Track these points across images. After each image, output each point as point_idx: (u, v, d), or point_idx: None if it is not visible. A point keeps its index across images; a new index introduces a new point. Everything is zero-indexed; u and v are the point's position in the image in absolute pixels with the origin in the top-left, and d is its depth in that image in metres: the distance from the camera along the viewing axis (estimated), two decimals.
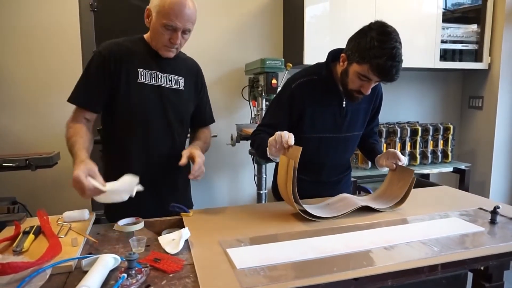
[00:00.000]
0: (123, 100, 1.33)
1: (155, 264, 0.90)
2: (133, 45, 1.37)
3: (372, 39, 1.22)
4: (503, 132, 3.25)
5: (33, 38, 2.50)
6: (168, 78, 1.39)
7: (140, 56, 1.35)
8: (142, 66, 1.34)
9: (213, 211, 1.36)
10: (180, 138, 1.47)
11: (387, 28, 1.24)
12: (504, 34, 3.09)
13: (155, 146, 1.39)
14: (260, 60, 2.42)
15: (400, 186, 1.38)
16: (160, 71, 1.37)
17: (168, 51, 1.34)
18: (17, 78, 2.51)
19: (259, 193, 2.62)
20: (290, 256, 0.94)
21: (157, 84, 1.37)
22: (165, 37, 1.30)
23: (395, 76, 1.24)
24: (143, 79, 1.34)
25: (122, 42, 1.37)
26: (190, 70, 1.48)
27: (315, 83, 1.41)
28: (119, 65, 1.31)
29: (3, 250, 0.98)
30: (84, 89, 1.32)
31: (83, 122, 1.32)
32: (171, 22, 1.26)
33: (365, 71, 1.25)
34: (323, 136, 1.46)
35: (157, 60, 1.37)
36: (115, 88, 1.32)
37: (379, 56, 1.20)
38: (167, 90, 1.39)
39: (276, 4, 2.96)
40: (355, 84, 1.31)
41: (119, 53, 1.32)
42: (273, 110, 1.51)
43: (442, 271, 0.94)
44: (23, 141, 2.54)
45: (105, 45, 1.35)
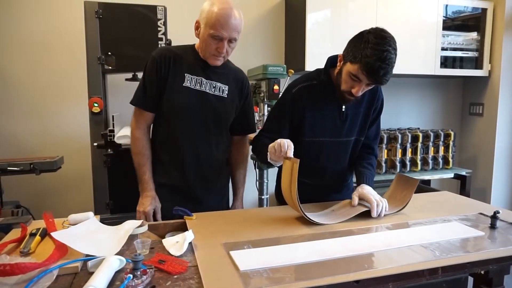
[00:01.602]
0: (168, 102, 1.44)
1: (160, 266, 0.92)
2: (183, 52, 1.47)
3: (367, 41, 1.25)
4: (503, 139, 3.26)
5: (39, 44, 2.53)
6: (213, 85, 1.48)
7: (188, 62, 1.46)
8: (189, 72, 1.45)
9: (216, 215, 1.37)
10: (219, 145, 1.54)
11: (384, 33, 1.27)
12: (504, 41, 3.12)
13: (193, 149, 1.48)
14: (262, 66, 2.44)
15: (404, 195, 1.40)
16: (205, 77, 1.46)
17: (215, 60, 1.43)
18: (23, 83, 2.55)
19: (260, 198, 2.63)
20: (292, 258, 0.96)
21: (201, 90, 1.46)
22: (212, 47, 1.39)
23: (382, 77, 1.26)
24: (189, 83, 1.44)
25: (174, 49, 1.49)
26: (236, 80, 1.56)
27: (315, 88, 1.45)
28: (167, 68, 1.42)
29: (11, 251, 0.99)
30: (142, 92, 1.46)
31: (145, 130, 1.49)
32: (217, 33, 1.35)
33: (356, 70, 1.28)
34: (324, 140, 1.48)
35: (204, 68, 1.47)
36: (162, 90, 1.43)
37: (369, 56, 1.23)
38: (210, 96, 1.47)
39: (278, 11, 3.00)
40: (347, 85, 1.34)
41: (169, 57, 1.43)
42: (275, 115, 1.53)
43: (442, 275, 0.95)
44: (28, 145, 2.57)
45: (157, 50, 1.48)
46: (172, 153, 1.48)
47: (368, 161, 1.56)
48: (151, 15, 2.14)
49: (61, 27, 2.55)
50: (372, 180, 1.50)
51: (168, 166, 1.49)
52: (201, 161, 1.50)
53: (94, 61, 2.11)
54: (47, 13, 2.52)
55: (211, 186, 1.56)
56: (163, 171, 1.50)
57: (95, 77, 2.12)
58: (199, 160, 1.49)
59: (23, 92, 2.55)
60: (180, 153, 1.48)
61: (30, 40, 2.52)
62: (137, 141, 1.48)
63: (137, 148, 1.47)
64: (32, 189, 2.55)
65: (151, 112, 1.48)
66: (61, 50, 2.57)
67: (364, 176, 1.48)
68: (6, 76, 2.51)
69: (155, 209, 1.44)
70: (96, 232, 1.10)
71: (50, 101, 2.59)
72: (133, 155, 1.48)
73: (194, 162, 1.49)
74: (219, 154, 1.55)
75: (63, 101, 2.60)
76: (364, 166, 1.53)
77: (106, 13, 2.08)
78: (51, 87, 2.58)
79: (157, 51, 1.47)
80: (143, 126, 1.49)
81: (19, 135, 2.57)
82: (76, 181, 2.62)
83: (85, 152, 2.31)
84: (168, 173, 1.49)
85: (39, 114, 2.58)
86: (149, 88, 1.45)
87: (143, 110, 1.47)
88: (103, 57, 2.10)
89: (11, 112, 2.55)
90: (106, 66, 2.12)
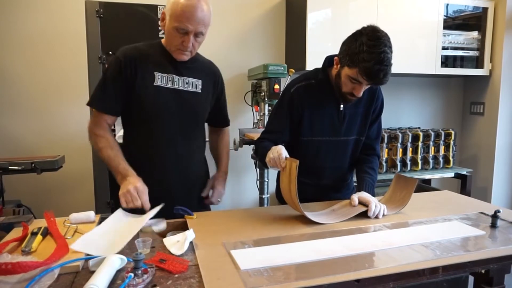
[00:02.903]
0: (139, 103, 1.35)
1: (161, 265, 0.92)
2: (150, 49, 1.39)
3: (361, 44, 1.25)
4: (504, 138, 3.26)
5: (41, 43, 2.54)
6: (185, 81, 1.41)
7: (156, 59, 1.37)
8: (159, 70, 1.37)
9: (217, 214, 1.38)
10: (196, 141, 1.49)
11: (377, 33, 1.26)
12: (505, 40, 3.11)
13: (172, 148, 1.40)
14: (262, 66, 2.45)
15: (403, 195, 1.40)
16: (177, 74, 1.39)
17: (181, 54, 1.36)
18: (24, 82, 2.55)
19: (261, 197, 2.63)
20: (293, 257, 0.96)
21: (174, 87, 1.39)
22: (178, 40, 1.31)
23: (383, 79, 1.26)
24: (160, 82, 1.36)
25: (140, 46, 1.40)
26: (208, 73, 1.50)
27: (313, 87, 1.45)
28: (134, 69, 1.34)
29: (12, 250, 1.00)
30: (103, 94, 1.36)
31: (107, 129, 1.37)
32: (182, 25, 1.27)
33: (355, 74, 1.28)
34: (322, 140, 1.48)
35: (173, 64, 1.39)
36: (132, 92, 1.35)
37: (367, 60, 1.23)
38: (184, 93, 1.41)
39: (278, 10, 2.99)
40: (348, 87, 1.35)
41: (135, 57, 1.35)
42: (275, 116, 1.53)
43: (443, 274, 0.95)
44: (29, 145, 2.57)
45: (122, 49, 1.38)
46: (150, 158, 1.39)
47: (369, 165, 1.54)
48: (152, 15, 2.14)
49: (62, 26, 2.55)
50: (373, 187, 1.49)
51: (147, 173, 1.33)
52: (183, 162, 1.43)
53: (95, 61, 2.11)
54: (48, 12, 2.52)
55: (193, 187, 1.50)
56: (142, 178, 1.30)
57: (96, 77, 2.12)
58: (180, 162, 1.42)
59: (24, 91, 2.55)
60: (158, 157, 1.39)
61: (31, 40, 2.52)
62: (100, 137, 1.34)
63: (102, 143, 1.33)
64: (33, 188, 2.55)
65: (113, 116, 1.39)
66: (62, 50, 2.57)
67: (365, 183, 1.47)
68: (7, 75, 2.52)
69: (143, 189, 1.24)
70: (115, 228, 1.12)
71: (51, 101, 2.59)
72: (100, 152, 1.33)
73: (175, 165, 1.41)
74: (200, 152, 1.52)
75: (64, 100, 2.60)
76: (365, 172, 1.51)
77: (107, 12, 2.09)
78: (52, 86, 2.58)
79: (121, 51, 1.37)
80: (105, 126, 1.37)
81: (20, 135, 2.57)
82: (77, 180, 2.63)
83: (86, 151, 2.31)
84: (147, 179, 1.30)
85: (40, 113, 2.59)
86: (111, 90, 1.34)
87: (104, 113, 1.36)
88: (104, 57, 2.11)
89: (12, 111, 2.55)
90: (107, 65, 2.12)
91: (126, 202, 1.21)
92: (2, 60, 2.50)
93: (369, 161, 1.55)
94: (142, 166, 1.35)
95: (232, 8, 2.88)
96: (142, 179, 1.30)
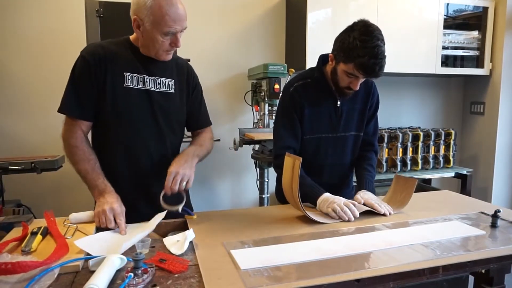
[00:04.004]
0: (109, 106, 1.28)
1: (161, 265, 0.92)
2: (118, 48, 1.31)
3: (354, 39, 1.28)
4: (504, 138, 3.26)
5: (40, 42, 2.53)
6: (157, 81, 1.34)
7: (125, 59, 1.30)
8: (129, 70, 1.29)
9: (217, 214, 1.37)
10: (172, 143, 1.42)
11: (369, 27, 1.29)
12: (505, 40, 3.11)
13: (146, 152, 1.35)
14: (262, 65, 2.44)
15: (403, 196, 1.40)
16: (148, 74, 1.32)
17: (168, 55, 1.32)
18: (23, 81, 2.55)
19: (261, 197, 2.63)
20: (293, 257, 0.96)
21: (145, 88, 1.32)
22: (166, 44, 1.26)
23: (378, 72, 1.29)
24: (130, 83, 1.29)
25: (107, 45, 1.31)
26: (181, 71, 1.43)
27: (310, 86, 1.48)
28: (103, 69, 1.26)
29: (12, 250, 0.99)
30: (75, 98, 1.27)
31: (82, 138, 1.28)
32: (171, 28, 1.23)
33: (351, 69, 1.32)
34: (321, 137, 1.50)
35: (144, 63, 1.32)
36: (100, 93, 1.27)
37: (362, 56, 1.26)
38: (156, 94, 1.34)
39: (278, 10, 2.99)
40: (345, 82, 1.38)
41: (103, 56, 1.27)
42: (284, 120, 1.50)
43: (443, 274, 0.95)
44: (29, 144, 2.57)
45: (88, 48, 1.30)
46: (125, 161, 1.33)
47: (368, 161, 1.58)
48: None
49: (62, 26, 2.55)
50: (372, 182, 1.52)
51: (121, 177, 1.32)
52: (157, 165, 1.36)
53: None
54: (48, 12, 2.52)
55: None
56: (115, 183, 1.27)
57: None
58: (154, 165, 1.36)
59: (24, 91, 2.55)
60: (132, 161, 1.33)
61: (31, 40, 2.52)
62: (76, 149, 1.26)
63: (78, 156, 1.25)
64: (33, 188, 2.55)
65: (87, 121, 1.30)
66: (62, 49, 2.56)
67: (365, 180, 1.50)
68: (7, 75, 2.52)
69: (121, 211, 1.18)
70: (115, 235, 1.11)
71: (51, 100, 2.58)
72: (75, 165, 1.26)
73: (150, 168, 1.35)
74: (175, 153, 1.39)
75: None
76: (364, 169, 1.54)
77: (106, 12, 2.09)
78: (52, 86, 2.58)
79: (87, 49, 1.29)
80: (79, 134, 1.28)
81: (20, 134, 2.57)
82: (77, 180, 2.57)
83: None
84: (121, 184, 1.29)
85: (40, 113, 2.58)
86: (83, 93, 1.26)
87: (78, 119, 1.27)
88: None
89: (12, 111, 2.55)
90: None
91: (100, 222, 1.15)
92: (2, 60, 2.50)
93: (368, 158, 1.59)
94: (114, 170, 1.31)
95: (232, 8, 2.88)
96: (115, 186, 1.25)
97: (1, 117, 2.54)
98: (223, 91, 2.92)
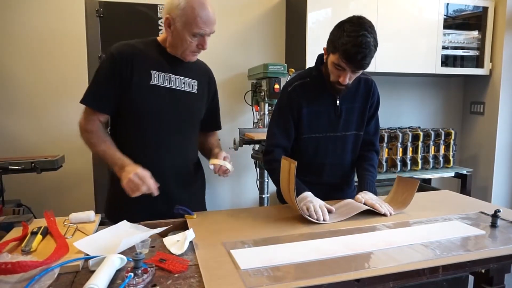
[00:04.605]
0: (134, 102, 1.32)
1: (161, 264, 0.92)
2: (146, 47, 1.37)
3: (343, 30, 1.29)
4: (504, 138, 3.26)
5: (40, 42, 2.54)
6: (182, 80, 1.39)
7: (152, 58, 1.35)
8: (155, 68, 1.34)
9: (217, 214, 1.37)
10: (192, 141, 1.48)
11: (360, 20, 1.30)
12: (505, 40, 3.11)
13: (167, 149, 1.38)
14: (262, 65, 2.45)
15: (405, 197, 1.40)
16: (173, 73, 1.37)
17: (194, 56, 1.37)
18: (23, 81, 2.55)
19: (261, 197, 2.64)
20: (293, 257, 0.96)
21: (170, 87, 1.37)
22: (193, 45, 1.31)
23: (361, 62, 1.28)
24: (156, 81, 1.34)
25: (135, 44, 1.37)
26: (203, 74, 1.49)
27: (309, 85, 1.48)
28: (130, 66, 1.31)
29: (12, 250, 0.99)
30: (97, 91, 1.33)
31: (99, 126, 1.34)
32: (201, 30, 1.28)
33: (337, 59, 1.32)
34: (321, 136, 1.50)
35: (170, 63, 1.37)
36: (126, 90, 1.31)
37: (345, 43, 1.27)
38: (180, 93, 1.39)
39: (278, 10, 2.99)
40: (334, 75, 1.38)
41: (131, 54, 1.32)
42: (279, 119, 1.52)
43: (443, 274, 0.95)
44: (29, 144, 2.57)
45: (116, 46, 1.35)
46: (146, 158, 1.34)
47: (369, 162, 1.56)
48: (152, 14, 2.14)
49: (62, 26, 2.55)
50: (374, 183, 1.51)
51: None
52: (178, 162, 1.41)
53: (95, 60, 2.11)
54: (48, 12, 2.52)
55: (189, 187, 1.48)
56: None
57: None
58: (175, 162, 1.40)
59: (24, 91, 2.55)
60: (155, 157, 1.36)
61: (31, 39, 2.52)
62: (92, 134, 1.32)
63: (94, 139, 1.31)
64: (33, 187, 2.56)
65: (105, 114, 1.35)
66: (62, 49, 2.57)
67: (366, 181, 1.49)
68: (7, 75, 2.52)
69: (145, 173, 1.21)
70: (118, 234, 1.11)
71: (51, 100, 2.59)
72: (93, 148, 1.32)
73: (171, 164, 1.39)
74: (194, 152, 1.51)
75: (64, 100, 2.60)
76: (366, 169, 1.53)
77: (106, 12, 2.09)
78: (52, 86, 2.59)
79: (116, 47, 1.33)
80: (96, 122, 1.33)
81: (20, 134, 2.57)
82: (77, 179, 2.63)
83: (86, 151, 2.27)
84: None
85: (40, 113, 2.59)
86: (105, 88, 1.31)
87: (96, 111, 1.33)
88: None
89: (12, 111, 2.55)
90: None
91: (132, 191, 1.19)
92: (2, 60, 2.50)
93: (369, 158, 1.58)
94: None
95: (232, 8, 2.88)
96: None
97: (1, 117, 2.54)
98: (223, 91, 2.90)
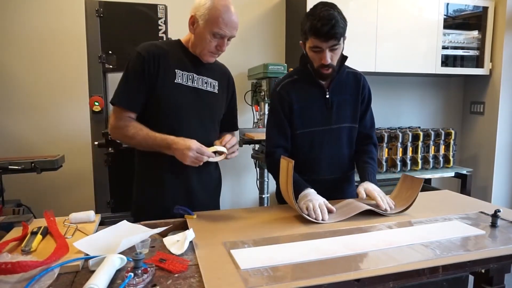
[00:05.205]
0: (159, 99, 1.36)
1: (161, 264, 0.92)
2: (170, 47, 1.41)
3: (307, 17, 1.37)
4: (504, 137, 3.26)
5: (40, 42, 2.54)
6: (204, 80, 1.44)
7: (177, 57, 1.40)
8: (179, 67, 1.39)
9: (217, 214, 1.38)
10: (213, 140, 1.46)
11: (321, 3, 1.37)
12: (505, 40, 3.11)
13: None
14: (262, 65, 2.45)
15: (408, 195, 1.40)
16: (196, 73, 1.42)
17: (212, 57, 1.41)
18: (23, 81, 2.55)
19: (261, 197, 2.64)
20: (293, 257, 0.96)
21: (193, 86, 1.41)
22: (212, 44, 1.35)
23: (330, 32, 1.32)
24: (180, 80, 1.38)
25: (160, 44, 1.43)
26: (223, 75, 1.53)
27: (297, 82, 1.52)
28: (156, 64, 1.35)
29: (12, 249, 0.99)
30: (127, 91, 1.36)
31: (130, 119, 1.37)
32: (221, 31, 1.32)
33: (311, 42, 1.37)
34: (314, 130, 1.51)
35: (194, 63, 1.42)
36: (153, 88, 1.35)
37: (311, 21, 1.34)
38: (203, 92, 1.43)
39: (278, 10, 2.99)
40: (315, 60, 1.41)
41: (157, 53, 1.36)
42: (274, 121, 1.54)
43: (443, 273, 0.95)
44: (29, 144, 2.57)
45: (143, 46, 1.38)
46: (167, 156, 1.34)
47: (368, 154, 1.59)
48: (152, 14, 2.14)
49: (62, 26, 2.55)
50: (374, 174, 1.53)
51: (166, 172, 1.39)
52: None
53: (95, 60, 2.11)
54: (48, 11, 2.52)
55: (209, 186, 1.52)
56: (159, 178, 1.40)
57: (96, 76, 2.12)
58: None
59: (24, 91, 2.55)
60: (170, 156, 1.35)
61: (31, 39, 2.52)
62: (126, 127, 1.34)
63: (131, 131, 1.34)
64: (33, 187, 2.56)
65: (135, 113, 1.38)
66: (62, 49, 2.57)
67: (366, 172, 1.51)
68: (7, 75, 2.52)
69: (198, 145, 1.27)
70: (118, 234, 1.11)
71: (51, 100, 2.59)
72: (132, 139, 1.35)
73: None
74: None
75: (64, 100, 2.60)
76: (365, 162, 1.55)
77: (107, 11, 2.08)
78: (52, 86, 2.58)
79: (142, 47, 1.37)
80: (127, 118, 1.37)
81: (20, 134, 2.57)
82: (77, 179, 2.63)
83: (86, 150, 2.31)
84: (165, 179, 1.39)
85: (40, 112, 2.59)
86: (134, 87, 1.35)
87: (128, 110, 1.36)
88: (104, 56, 2.11)
89: (12, 111, 2.55)
90: (107, 65, 2.12)
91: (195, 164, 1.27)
92: (2, 60, 2.50)
93: (368, 151, 1.60)
94: (159, 164, 1.38)
95: None
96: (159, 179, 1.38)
97: (1, 117, 2.54)
98: None
